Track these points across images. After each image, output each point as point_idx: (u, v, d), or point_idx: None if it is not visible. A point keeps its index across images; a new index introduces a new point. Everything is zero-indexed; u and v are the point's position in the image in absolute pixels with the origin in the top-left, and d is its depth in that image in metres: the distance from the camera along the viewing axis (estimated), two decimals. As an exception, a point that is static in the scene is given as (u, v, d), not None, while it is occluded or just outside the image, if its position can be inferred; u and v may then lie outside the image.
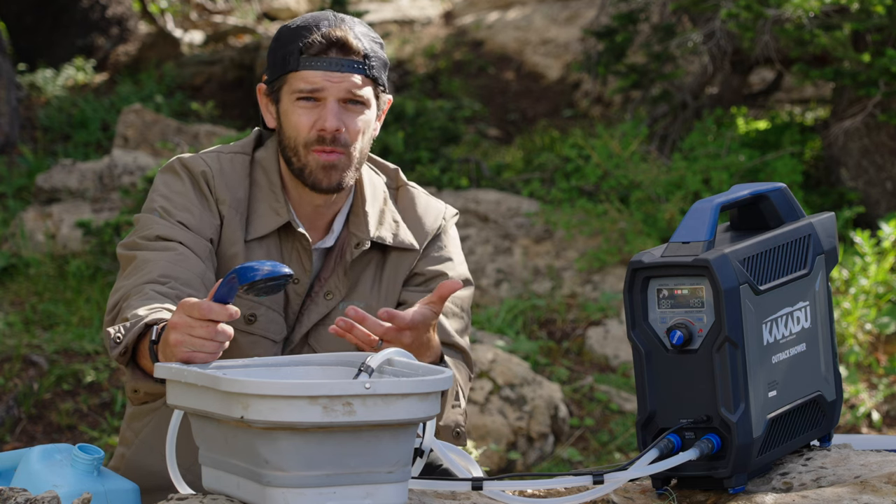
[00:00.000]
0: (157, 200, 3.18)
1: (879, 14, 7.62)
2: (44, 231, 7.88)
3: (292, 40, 3.16)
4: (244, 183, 3.23)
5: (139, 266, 3.08)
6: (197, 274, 3.07)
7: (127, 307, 2.97)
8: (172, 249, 3.09)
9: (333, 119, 3.13)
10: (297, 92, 3.15)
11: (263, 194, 3.23)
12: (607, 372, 7.02)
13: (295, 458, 2.46)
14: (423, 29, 12.65)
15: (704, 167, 8.02)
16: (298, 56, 3.15)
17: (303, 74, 3.14)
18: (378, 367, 2.62)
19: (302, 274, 3.22)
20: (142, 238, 3.13)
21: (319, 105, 3.15)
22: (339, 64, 3.14)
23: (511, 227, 8.00)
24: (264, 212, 3.22)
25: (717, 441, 2.70)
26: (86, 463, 2.84)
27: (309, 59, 3.14)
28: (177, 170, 3.22)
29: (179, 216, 3.15)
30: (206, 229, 3.16)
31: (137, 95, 10.50)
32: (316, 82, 3.13)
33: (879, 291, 7.17)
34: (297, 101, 3.16)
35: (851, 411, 6.72)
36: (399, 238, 3.28)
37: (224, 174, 3.22)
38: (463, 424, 3.16)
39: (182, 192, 3.19)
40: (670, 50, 8.91)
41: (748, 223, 2.91)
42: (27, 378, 6.51)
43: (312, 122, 3.15)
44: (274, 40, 3.22)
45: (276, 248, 3.22)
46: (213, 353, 2.66)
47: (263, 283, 2.63)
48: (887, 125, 8.04)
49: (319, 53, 3.14)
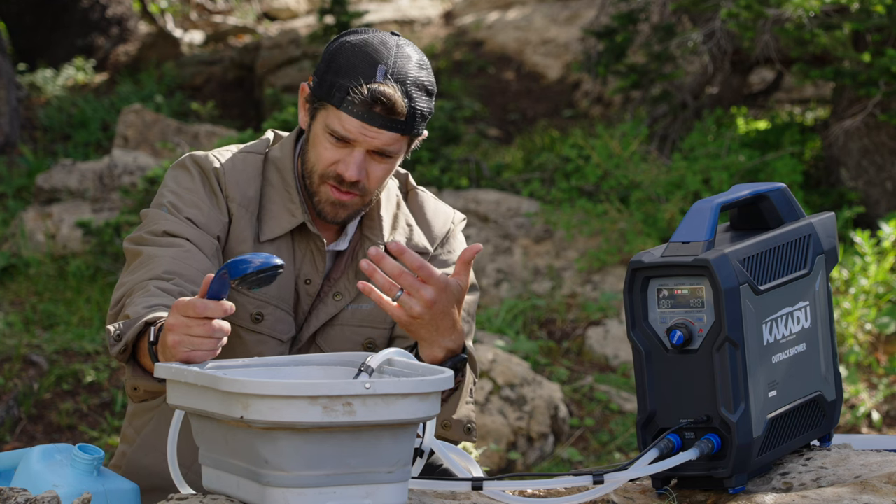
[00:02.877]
0: (166, 196, 3.16)
1: (879, 14, 7.62)
2: (44, 231, 7.88)
3: (345, 74, 3.09)
4: (256, 182, 3.20)
5: (144, 262, 3.06)
6: (202, 271, 3.05)
7: (130, 303, 2.96)
8: (178, 246, 3.08)
9: (356, 170, 3.10)
10: (331, 130, 3.10)
11: (277, 194, 3.20)
12: (607, 372, 7.02)
13: (295, 458, 2.46)
14: (423, 29, 12.65)
15: (704, 167, 8.02)
16: (344, 96, 3.07)
17: (342, 116, 3.08)
18: (378, 367, 2.62)
19: (315, 275, 3.20)
20: (149, 233, 3.12)
21: (347, 148, 3.10)
22: (381, 120, 3.08)
23: (511, 227, 8.00)
24: (278, 212, 3.19)
25: (717, 441, 2.70)
26: (86, 463, 2.84)
27: (352, 106, 3.07)
28: (188, 166, 3.20)
29: (188, 212, 3.13)
30: (213, 226, 3.14)
31: (137, 95, 10.50)
32: (350, 132, 3.08)
33: (879, 291, 7.17)
34: (329, 135, 3.11)
35: (851, 411, 6.72)
36: (413, 242, 3.26)
37: (236, 172, 3.19)
38: (474, 420, 3.16)
39: (191, 189, 3.17)
40: (670, 50, 8.91)
41: (748, 223, 2.91)
42: (27, 378, 6.51)
43: (336, 160, 3.11)
44: (332, 54, 3.12)
45: (288, 248, 3.20)
46: (211, 351, 2.66)
47: (255, 275, 2.61)
48: (887, 125, 8.03)
49: (363, 105, 3.06)
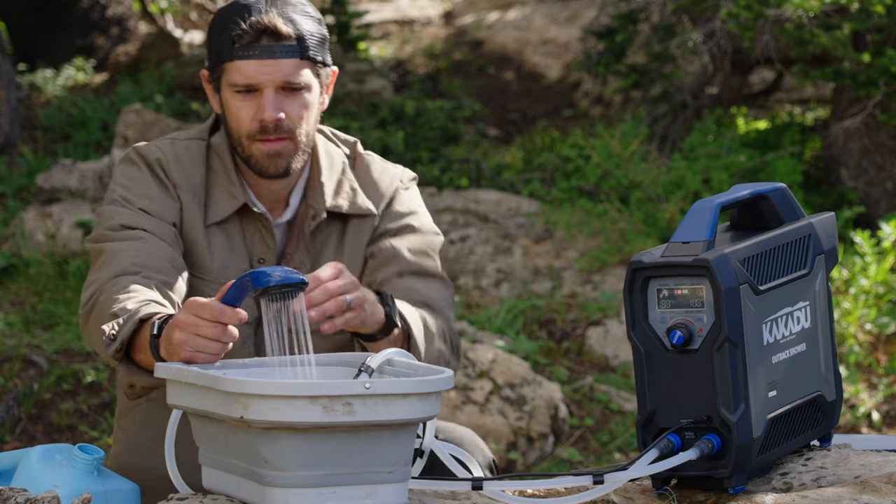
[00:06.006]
0: (116, 191, 3.21)
1: (879, 14, 7.61)
2: (44, 231, 7.88)
3: (225, 29, 3.15)
4: (200, 169, 3.25)
5: (108, 259, 3.10)
6: (166, 259, 3.10)
7: (110, 301, 2.98)
8: (138, 238, 3.12)
9: (272, 110, 3.13)
10: (234, 85, 3.15)
11: (219, 179, 3.25)
12: (607, 372, 7.01)
13: (295, 458, 2.46)
14: (423, 29, 12.64)
15: (704, 167, 8.02)
16: (231, 46, 3.13)
17: (237, 66, 3.13)
18: (378, 367, 2.63)
19: (266, 252, 3.24)
20: (107, 229, 3.16)
21: (257, 96, 3.14)
22: (271, 51, 3.12)
23: (511, 227, 7.99)
24: (221, 196, 3.24)
25: (717, 441, 2.70)
26: (86, 463, 2.85)
27: (241, 50, 3.12)
28: (133, 159, 3.25)
29: (140, 203, 3.18)
30: (167, 213, 3.19)
31: (137, 95, 10.49)
32: (250, 75, 3.13)
33: (879, 291, 7.17)
34: (235, 93, 3.15)
35: (851, 411, 6.72)
36: (357, 205, 3.28)
37: (179, 161, 3.24)
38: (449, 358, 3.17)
39: (140, 180, 3.21)
40: (670, 50, 8.91)
41: (748, 223, 2.91)
42: (27, 378, 6.51)
43: (252, 113, 3.15)
44: (210, 27, 3.20)
45: (238, 230, 3.24)
46: (216, 355, 2.67)
47: (278, 289, 2.63)
48: (887, 125, 8.03)
49: (251, 43, 3.12)
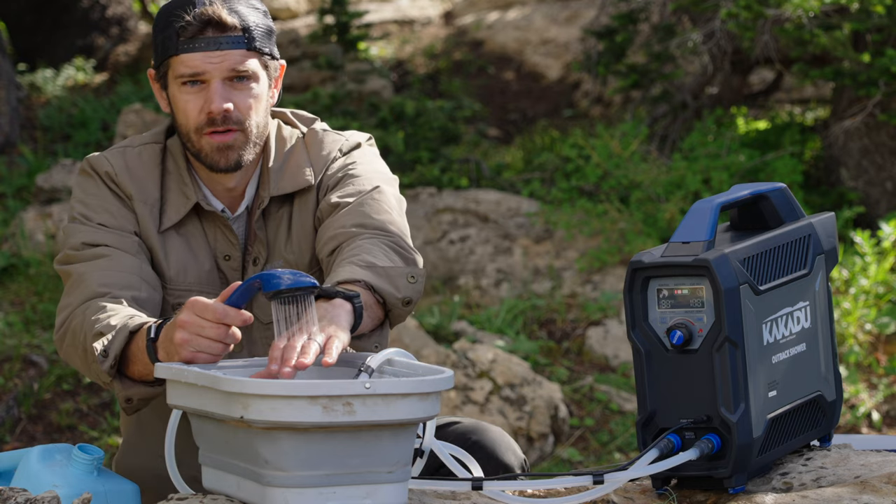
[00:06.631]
0: (75, 207, 3.20)
1: (879, 14, 7.62)
2: (44, 231, 7.88)
3: (169, 23, 3.12)
4: (154, 174, 3.23)
5: (75, 283, 3.08)
6: (133, 272, 3.08)
7: (85, 324, 2.96)
8: (102, 256, 3.10)
9: (220, 100, 3.10)
10: (181, 77, 3.12)
11: (174, 181, 3.23)
12: (607, 372, 7.01)
13: (295, 458, 2.46)
14: (423, 29, 12.64)
15: (704, 167, 8.02)
16: (176, 40, 3.10)
17: (183, 59, 3.10)
18: (378, 367, 2.63)
19: (231, 249, 3.21)
20: (70, 249, 3.14)
21: (204, 87, 3.12)
22: (217, 42, 3.10)
23: (511, 227, 7.99)
24: (175, 198, 3.21)
25: (717, 441, 2.70)
26: (86, 463, 2.84)
27: (186, 42, 3.10)
28: (87, 171, 3.23)
29: (99, 218, 3.16)
30: (127, 224, 3.17)
31: (137, 95, 10.49)
32: (196, 66, 3.10)
33: (879, 291, 7.17)
34: (182, 86, 3.13)
35: (851, 411, 6.72)
36: (297, 181, 3.23)
37: (129, 170, 3.21)
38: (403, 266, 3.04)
39: (96, 194, 3.19)
40: (670, 50, 8.91)
41: (748, 223, 2.91)
42: (27, 378, 6.51)
43: (200, 105, 3.12)
44: (154, 23, 3.17)
45: (198, 230, 3.21)
46: (217, 356, 2.67)
47: (290, 292, 2.63)
48: (887, 125, 8.03)
49: (195, 35, 3.09)
